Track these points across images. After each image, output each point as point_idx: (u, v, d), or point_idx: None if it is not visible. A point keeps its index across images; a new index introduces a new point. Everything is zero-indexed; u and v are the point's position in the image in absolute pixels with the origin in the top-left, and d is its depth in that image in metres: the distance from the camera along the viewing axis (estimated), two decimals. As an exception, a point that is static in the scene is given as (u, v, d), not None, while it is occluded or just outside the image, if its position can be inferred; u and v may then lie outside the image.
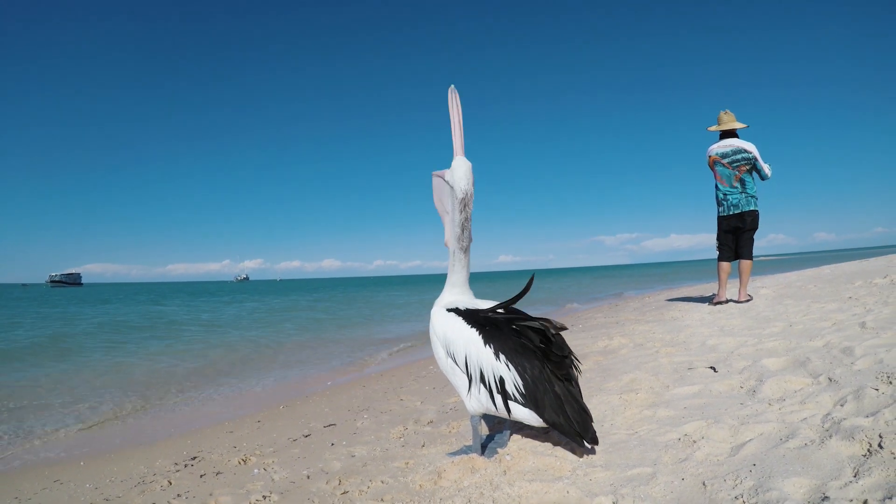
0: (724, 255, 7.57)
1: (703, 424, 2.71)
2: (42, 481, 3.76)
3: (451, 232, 2.83)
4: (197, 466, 3.63)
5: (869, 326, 4.35)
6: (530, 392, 2.47)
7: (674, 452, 2.46)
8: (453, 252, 2.83)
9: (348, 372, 7.98)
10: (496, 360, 2.52)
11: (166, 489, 3.19)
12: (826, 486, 1.92)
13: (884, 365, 3.16)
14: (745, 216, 7.29)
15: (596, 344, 5.65)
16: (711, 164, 7.45)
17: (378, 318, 18.09)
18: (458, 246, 2.80)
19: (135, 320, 19.41)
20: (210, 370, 8.79)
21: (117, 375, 8.47)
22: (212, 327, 16.42)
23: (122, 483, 3.49)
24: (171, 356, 10.40)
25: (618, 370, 4.22)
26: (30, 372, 8.89)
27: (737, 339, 4.67)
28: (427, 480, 2.55)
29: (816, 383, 3.11)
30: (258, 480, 3.08)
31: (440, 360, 2.75)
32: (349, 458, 3.24)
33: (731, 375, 3.57)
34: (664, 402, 3.26)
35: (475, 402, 2.63)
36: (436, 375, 5.80)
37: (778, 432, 2.48)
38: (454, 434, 3.37)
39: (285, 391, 6.79)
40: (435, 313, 2.81)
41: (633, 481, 2.23)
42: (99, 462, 4.18)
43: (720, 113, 7.59)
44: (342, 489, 2.67)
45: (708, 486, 2.09)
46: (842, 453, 2.15)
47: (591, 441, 2.47)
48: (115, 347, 11.85)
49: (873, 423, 2.31)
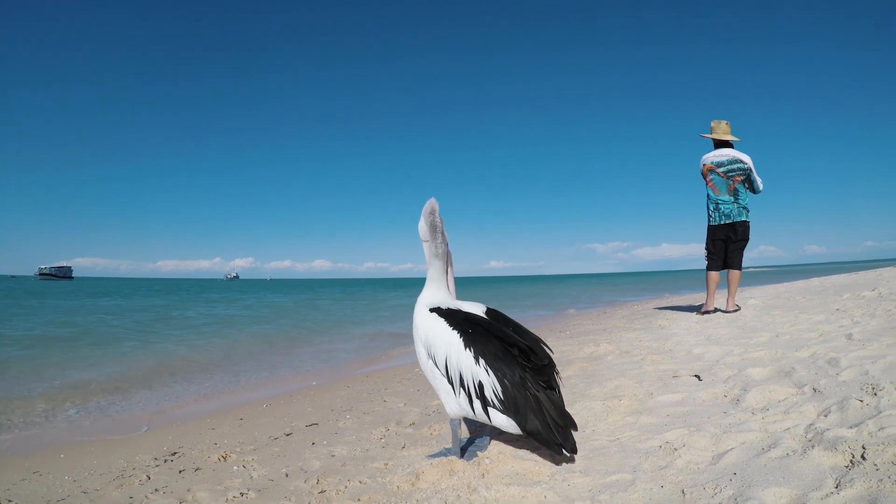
0: (713, 264, 7.52)
1: (686, 432, 2.69)
2: (21, 472, 3.71)
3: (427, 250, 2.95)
4: (176, 462, 3.59)
5: (855, 338, 4.35)
6: (510, 399, 2.44)
7: (654, 459, 2.44)
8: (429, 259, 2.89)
9: (333, 371, 7.93)
10: (476, 364, 2.50)
11: (144, 483, 3.15)
12: (807, 496, 1.90)
13: (869, 376, 3.15)
14: (736, 226, 7.25)
15: (582, 350, 5.64)
16: (705, 172, 7.37)
17: (371, 317, 18.06)
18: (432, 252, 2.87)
19: (129, 315, 19.32)
20: (195, 365, 8.73)
21: (104, 368, 8.40)
22: (201, 324, 16.34)
23: (100, 476, 3.45)
24: (156, 351, 10.33)
25: (603, 377, 4.20)
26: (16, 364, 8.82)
27: (723, 349, 4.66)
28: (405, 482, 2.52)
29: (801, 393, 3.10)
30: (236, 477, 3.05)
31: (421, 361, 2.72)
32: (329, 457, 3.21)
33: (716, 384, 3.55)
34: (647, 409, 3.24)
35: (454, 406, 2.61)
36: (420, 378, 5.77)
37: (760, 441, 2.46)
38: (435, 436, 3.34)
39: (270, 389, 6.74)
40: (418, 313, 2.78)
41: (612, 487, 2.21)
42: (79, 455, 4.13)
43: (713, 122, 7.54)
44: (320, 488, 2.64)
45: (687, 493, 2.07)
46: (824, 464, 2.13)
47: (570, 451, 2.44)
48: (104, 341, 11.78)
49: (857, 434, 2.30)
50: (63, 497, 3.04)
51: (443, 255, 2.83)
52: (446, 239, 2.86)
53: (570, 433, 2.45)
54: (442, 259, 2.84)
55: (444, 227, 2.85)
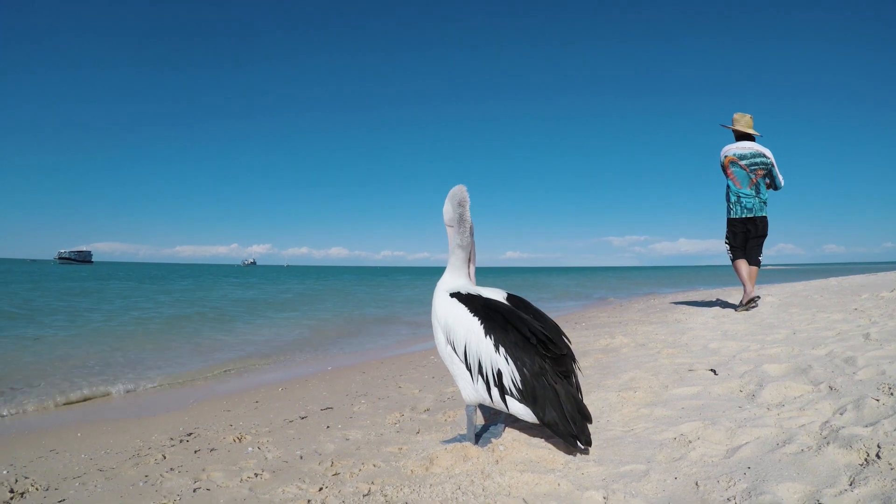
0: (738, 253, 7.28)
1: (700, 425, 2.69)
2: (38, 450, 3.78)
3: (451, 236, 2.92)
4: (192, 442, 3.64)
5: (873, 338, 4.31)
6: (528, 388, 2.45)
7: (668, 451, 2.45)
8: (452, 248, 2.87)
9: (349, 357, 7.99)
10: (495, 352, 2.50)
11: (160, 462, 3.20)
12: (821, 492, 1.90)
13: (886, 376, 3.12)
14: (757, 221, 7.12)
15: (598, 342, 5.63)
16: (727, 164, 7.19)
17: (389, 304, 18.12)
18: (457, 241, 2.83)
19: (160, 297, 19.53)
20: (211, 349, 8.83)
21: (123, 349, 8.54)
22: (224, 307, 16.49)
23: (116, 455, 3.50)
24: (173, 334, 10.46)
25: (618, 368, 4.20)
26: (34, 344, 8.97)
27: (739, 344, 4.64)
28: (419, 466, 2.54)
29: (817, 391, 3.08)
30: (251, 458, 3.08)
31: (440, 346, 2.74)
32: (343, 441, 3.24)
33: (732, 379, 3.54)
34: (662, 401, 3.24)
35: (472, 392, 2.62)
36: (436, 365, 5.79)
37: (775, 437, 2.46)
38: (450, 423, 3.36)
39: (285, 373, 6.80)
40: (437, 298, 2.79)
41: (626, 477, 2.22)
42: (95, 434, 4.19)
43: (736, 114, 7.34)
44: (334, 470, 2.67)
45: (701, 486, 2.08)
46: (838, 461, 2.12)
47: (585, 443, 2.44)
48: (136, 320, 11.93)
49: (872, 432, 2.29)
50: (79, 475, 3.09)
51: (467, 246, 2.83)
52: (472, 229, 2.84)
53: (585, 426, 2.46)
54: (465, 250, 2.83)
55: (471, 218, 2.82)
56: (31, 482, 2.96)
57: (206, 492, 2.60)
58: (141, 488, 2.73)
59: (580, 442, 2.43)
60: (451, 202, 2.84)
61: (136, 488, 2.74)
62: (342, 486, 2.46)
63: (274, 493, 2.47)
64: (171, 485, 2.73)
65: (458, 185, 2.85)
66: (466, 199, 2.80)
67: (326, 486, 2.47)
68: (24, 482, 2.97)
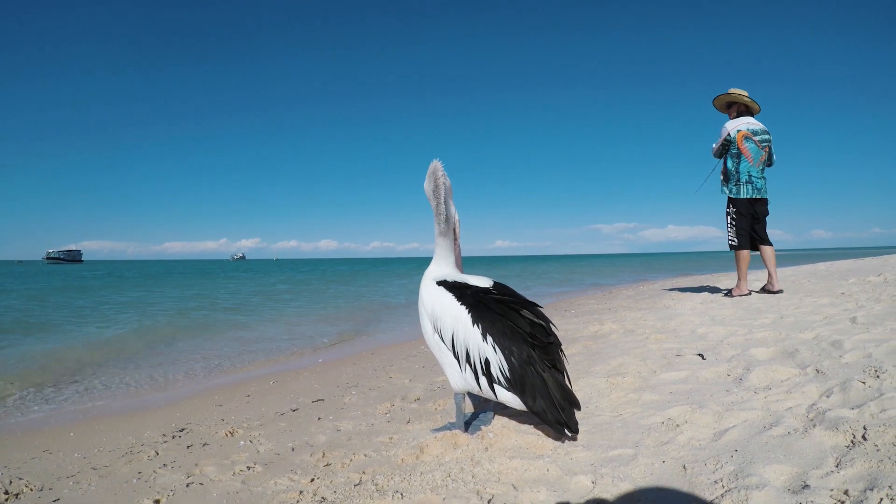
0: (744, 241, 6.88)
1: (688, 409, 2.72)
2: (31, 451, 3.76)
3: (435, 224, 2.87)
4: (184, 438, 3.63)
5: (860, 322, 4.36)
6: (516, 377, 2.45)
7: (656, 435, 2.47)
8: (436, 238, 2.84)
9: (338, 349, 7.98)
10: (483, 341, 2.50)
11: (153, 459, 3.19)
12: (807, 474, 1.92)
13: (872, 359, 3.16)
14: (765, 202, 6.81)
15: (587, 329, 5.66)
16: (740, 139, 6.66)
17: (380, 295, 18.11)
18: (437, 231, 2.80)
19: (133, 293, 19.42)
20: (200, 343, 8.81)
21: (112, 347, 8.50)
22: (213, 301, 16.43)
23: (110, 452, 3.49)
24: (161, 332, 10.41)
25: (606, 354, 4.23)
26: (29, 346, 8.90)
27: (727, 329, 4.68)
28: (409, 455, 2.56)
29: (804, 374, 3.12)
30: (244, 452, 3.09)
31: (427, 335, 2.74)
32: (335, 432, 3.25)
33: (719, 363, 3.57)
34: (650, 386, 3.27)
35: (460, 381, 2.62)
36: (426, 355, 5.81)
37: (762, 420, 2.48)
38: (440, 411, 3.38)
39: (276, 366, 6.79)
40: (424, 286, 2.79)
41: (614, 462, 2.24)
42: (88, 432, 4.17)
43: (733, 89, 6.88)
44: (325, 461, 2.68)
45: (688, 469, 2.10)
46: (825, 443, 2.15)
47: (572, 431, 2.46)
48: (125, 319, 11.86)
49: (858, 414, 2.32)
50: (73, 474, 3.09)
51: (447, 234, 2.81)
52: (454, 210, 2.81)
53: (573, 413, 2.47)
54: (448, 237, 2.82)
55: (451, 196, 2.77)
56: (25, 483, 2.95)
57: (199, 486, 2.60)
58: (134, 485, 2.73)
59: (568, 430, 2.45)
60: (427, 178, 2.79)
61: (129, 485, 2.74)
62: (334, 476, 2.47)
63: (266, 486, 2.47)
64: (164, 480, 2.73)
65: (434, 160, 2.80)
66: (438, 167, 2.72)
67: (318, 477, 2.48)
68: (19, 483, 2.96)
